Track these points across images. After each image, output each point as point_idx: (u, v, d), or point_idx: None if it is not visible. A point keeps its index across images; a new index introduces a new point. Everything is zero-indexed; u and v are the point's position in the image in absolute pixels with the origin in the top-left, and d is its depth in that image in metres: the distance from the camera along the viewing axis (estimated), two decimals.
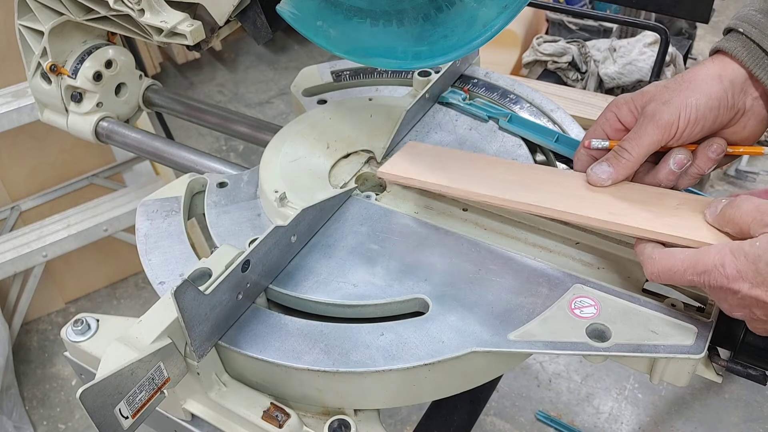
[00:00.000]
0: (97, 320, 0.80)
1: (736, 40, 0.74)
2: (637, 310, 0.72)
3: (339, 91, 1.13)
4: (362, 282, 0.77)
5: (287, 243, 0.78)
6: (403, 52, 0.78)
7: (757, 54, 0.73)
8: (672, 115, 0.72)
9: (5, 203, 2.00)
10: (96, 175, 2.08)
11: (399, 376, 0.70)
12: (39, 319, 2.23)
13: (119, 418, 0.65)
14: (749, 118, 0.75)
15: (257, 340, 0.72)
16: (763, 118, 0.75)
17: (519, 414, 1.91)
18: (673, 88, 0.74)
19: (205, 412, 0.76)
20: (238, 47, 3.50)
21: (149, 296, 2.26)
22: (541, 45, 2.36)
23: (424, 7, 0.76)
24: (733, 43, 0.74)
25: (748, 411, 1.89)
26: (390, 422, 1.88)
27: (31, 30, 1.12)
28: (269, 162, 0.92)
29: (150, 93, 1.27)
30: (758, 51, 0.72)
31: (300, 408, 0.75)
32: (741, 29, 0.73)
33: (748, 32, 0.73)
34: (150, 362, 0.66)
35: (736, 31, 0.74)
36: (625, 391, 1.95)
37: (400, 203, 0.88)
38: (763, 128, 0.76)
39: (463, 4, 0.74)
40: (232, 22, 0.93)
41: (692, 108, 0.72)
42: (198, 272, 0.73)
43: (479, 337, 0.70)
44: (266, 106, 3.15)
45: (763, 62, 0.72)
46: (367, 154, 0.94)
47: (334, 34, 0.81)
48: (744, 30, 0.73)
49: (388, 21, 0.78)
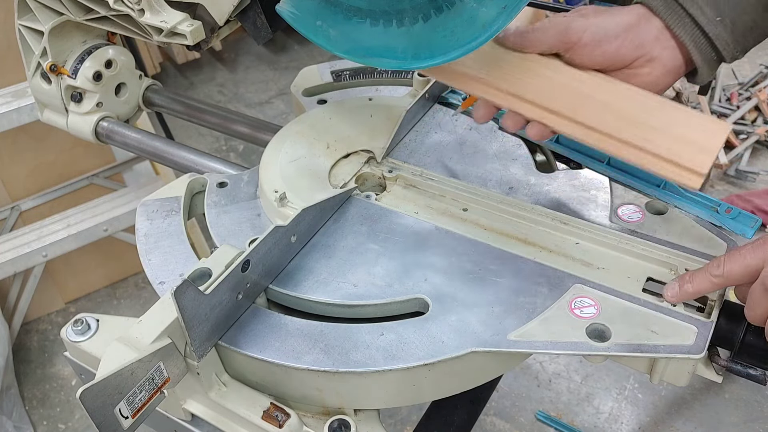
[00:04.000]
0: (97, 320, 0.80)
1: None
2: (637, 310, 0.72)
3: (339, 91, 1.13)
4: (362, 282, 0.77)
5: (287, 243, 0.78)
6: (403, 52, 0.78)
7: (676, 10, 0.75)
8: (579, 27, 0.75)
9: (5, 203, 2.00)
10: (96, 175, 2.08)
11: (399, 376, 0.70)
12: (39, 319, 2.23)
13: (119, 418, 0.65)
14: (656, 65, 0.77)
15: (257, 340, 0.72)
16: (669, 69, 0.77)
17: (519, 414, 1.91)
18: (598, 10, 0.77)
19: (205, 412, 0.76)
20: (238, 47, 3.49)
21: (149, 296, 2.26)
22: None
23: (424, 7, 0.76)
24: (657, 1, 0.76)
25: (748, 411, 1.89)
26: (390, 422, 1.88)
27: (31, 30, 1.12)
28: (269, 162, 0.92)
29: (150, 93, 1.27)
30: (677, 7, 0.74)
31: (300, 408, 0.75)
32: None
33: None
34: (150, 362, 0.66)
35: None
36: (625, 391, 1.95)
37: (400, 203, 0.88)
38: (669, 81, 0.78)
39: (463, 4, 0.74)
40: (232, 22, 0.93)
41: (598, 28, 0.75)
42: (198, 272, 0.73)
43: (479, 337, 0.70)
44: (266, 106, 3.15)
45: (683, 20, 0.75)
46: (367, 154, 0.94)
47: (333, 34, 0.81)
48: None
49: (388, 21, 0.78)
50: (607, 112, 0.75)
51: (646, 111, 0.74)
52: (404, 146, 0.97)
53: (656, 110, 0.74)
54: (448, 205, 0.87)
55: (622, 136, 0.73)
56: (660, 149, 0.72)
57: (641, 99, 0.75)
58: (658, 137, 0.73)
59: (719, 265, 0.68)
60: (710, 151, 0.71)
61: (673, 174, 0.72)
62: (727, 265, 0.67)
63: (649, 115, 0.74)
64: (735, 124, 2.74)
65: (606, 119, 0.74)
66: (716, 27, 0.74)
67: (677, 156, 0.71)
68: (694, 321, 0.70)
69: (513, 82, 0.78)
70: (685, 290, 0.71)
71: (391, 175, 0.92)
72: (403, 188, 0.90)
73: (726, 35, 0.74)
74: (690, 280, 0.71)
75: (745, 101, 2.83)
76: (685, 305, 0.73)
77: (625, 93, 0.76)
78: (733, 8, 0.73)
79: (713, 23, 0.73)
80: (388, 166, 0.93)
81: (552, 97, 0.76)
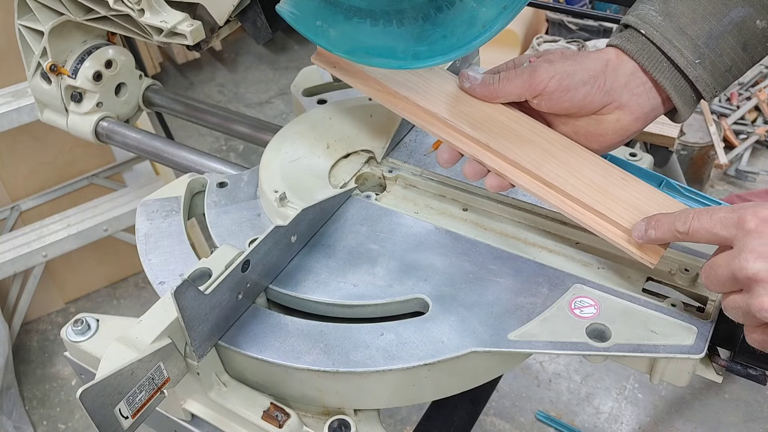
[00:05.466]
0: (97, 320, 0.80)
1: (636, 41, 0.74)
2: (637, 310, 0.72)
3: (339, 91, 1.13)
4: (362, 282, 0.77)
5: (287, 243, 0.78)
6: (403, 52, 0.78)
7: (653, 53, 0.73)
8: (546, 74, 0.74)
9: (5, 203, 2.00)
10: (96, 175, 2.08)
11: (399, 376, 0.70)
12: (39, 319, 2.23)
13: (119, 418, 0.65)
14: (624, 112, 0.75)
15: (257, 340, 0.72)
16: (638, 117, 0.75)
17: (519, 414, 1.91)
18: (566, 55, 0.76)
19: (205, 412, 0.76)
20: (238, 47, 3.50)
21: (149, 296, 2.26)
22: (541, 45, 2.36)
23: (424, 7, 0.76)
24: (633, 45, 0.74)
25: (748, 411, 1.89)
26: (390, 422, 1.88)
27: (31, 30, 1.12)
28: (269, 162, 0.92)
29: (150, 93, 1.27)
30: (658, 54, 0.73)
31: (300, 408, 0.75)
32: (642, 30, 0.74)
33: (650, 34, 0.73)
34: (150, 362, 0.66)
35: (636, 31, 0.74)
36: (625, 391, 1.95)
37: (400, 203, 0.88)
38: (639, 127, 0.76)
39: (463, 4, 0.74)
40: (232, 22, 0.93)
41: (566, 74, 0.73)
42: (198, 272, 0.73)
43: (479, 337, 0.70)
44: (266, 106, 3.15)
45: (660, 64, 0.73)
46: (367, 154, 0.94)
47: (333, 34, 0.81)
48: (646, 32, 0.73)
49: (388, 21, 0.78)
50: (570, 173, 0.74)
51: (610, 180, 0.74)
52: (404, 146, 0.97)
53: (620, 181, 0.74)
54: (448, 205, 0.87)
55: (583, 199, 0.73)
56: (620, 219, 0.71)
57: (606, 168, 0.75)
58: (619, 207, 0.72)
59: (686, 221, 0.64)
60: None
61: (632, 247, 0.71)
62: (694, 223, 0.64)
63: (612, 184, 0.74)
64: (735, 124, 2.74)
65: (568, 180, 0.74)
66: (696, 69, 0.73)
67: None
68: (694, 321, 0.70)
69: (477, 129, 0.77)
70: (648, 235, 0.68)
71: (391, 175, 0.92)
72: (403, 188, 0.90)
73: (706, 76, 0.73)
74: (655, 227, 0.68)
75: (745, 101, 2.83)
76: (685, 305, 0.73)
77: (591, 159, 0.76)
78: (713, 50, 0.72)
79: (692, 65, 0.72)
80: (388, 166, 0.93)
81: (516, 150, 0.76)
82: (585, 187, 0.74)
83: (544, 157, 0.75)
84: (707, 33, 0.72)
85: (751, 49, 0.74)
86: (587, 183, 0.74)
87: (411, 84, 0.82)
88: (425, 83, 0.82)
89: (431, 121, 0.80)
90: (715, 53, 0.73)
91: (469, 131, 0.77)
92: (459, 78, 0.81)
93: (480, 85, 0.79)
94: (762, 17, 0.73)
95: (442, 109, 0.79)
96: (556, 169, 0.75)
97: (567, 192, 0.74)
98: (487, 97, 0.79)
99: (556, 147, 0.76)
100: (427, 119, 0.80)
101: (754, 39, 0.73)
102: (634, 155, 1.03)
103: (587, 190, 0.74)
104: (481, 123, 0.78)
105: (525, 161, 0.75)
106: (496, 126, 0.78)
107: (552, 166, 0.75)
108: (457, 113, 0.79)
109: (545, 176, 0.74)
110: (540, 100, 0.76)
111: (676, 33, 0.72)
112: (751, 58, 0.75)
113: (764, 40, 0.74)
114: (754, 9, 0.72)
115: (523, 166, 0.75)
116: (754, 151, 2.70)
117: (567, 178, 0.74)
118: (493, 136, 0.77)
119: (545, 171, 0.75)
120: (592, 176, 0.74)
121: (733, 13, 0.72)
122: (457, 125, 0.78)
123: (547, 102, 0.75)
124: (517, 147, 0.76)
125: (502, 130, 0.77)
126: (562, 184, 0.74)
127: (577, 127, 0.77)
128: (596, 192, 0.73)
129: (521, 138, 0.77)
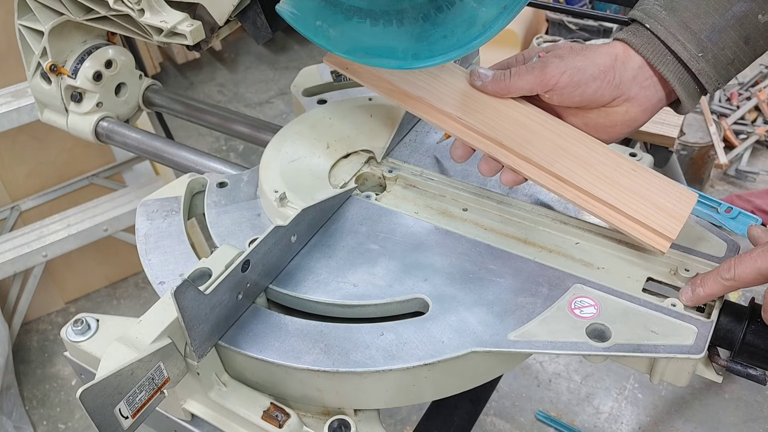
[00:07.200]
0: (97, 320, 0.80)
1: (641, 35, 0.76)
2: (637, 310, 0.72)
3: (339, 91, 1.13)
4: (362, 282, 0.77)
5: (287, 243, 0.78)
6: (403, 52, 0.78)
7: (658, 47, 0.76)
8: (557, 70, 0.76)
9: (5, 203, 2.00)
10: (96, 175, 2.08)
11: (399, 376, 0.70)
12: (39, 319, 2.23)
13: (119, 418, 0.65)
14: (632, 105, 0.77)
15: (257, 340, 0.72)
16: (646, 108, 0.78)
17: (519, 414, 1.91)
18: (575, 50, 0.78)
19: (205, 412, 0.76)
20: (238, 47, 3.50)
21: (149, 296, 2.26)
22: (541, 45, 2.36)
23: (424, 7, 0.76)
24: (639, 39, 0.76)
25: (748, 411, 1.89)
26: (390, 422, 1.88)
27: (31, 30, 1.12)
28: (269, 162, 0.92)
29: (150, 93, 1.27)
30: (662, 47, 0.75)
31: (300, 408, 0.75)
32: (647, 25, 0.76)
33: (654, 29, 0.75)
34: (150, 362, 0.66)
35: (642, 25, 0.77)
36: (625, 391, 1.95)
37: (400, 203, 0.88)
38: (646, 118, 0.79)
39: (463, 4, 0.74)
40: (232, 22, 0.93)
41: (576, 70, 0.75)
42: (198, 272, 0.73)
43: (479, 337, 0.70)
44: (266, 106, 3.15)
45: (665, 57, 0.76)
46: (367, 154, 0.94)
47: (333, 34, 0.81)
48: (650, 26, 0.76)
49: (388, 21, 0.78)
50: (583, 167, 0.77)
51: (621, 172, 0.77)
52: (404, 146, 0.97)
53: (630, 173, 0.77)
54: (448, 205, 0.87)
55: (595, 193, 0.76)
56: (632, 210, 0.75)
57: (616, 160, 0.78)
58: (631, 199, 0.75)
59: (729, 269, 0.69)
60: (680, 218, 0.74)
61: (643, 236, 0.74)
62: (738, 269, 0.68)
63: (623, 176, 0.77)
64: (735, 124, 2.74)
65: (581, 175, 0.77)
66: (699, 62, 0.75)
67: (648, 219, 0.74)
68: (694, 321, 0.70)
69: (491, 126, 0.79)
70: (697, 294, 0.71)
71: (391, 175, 0.92)
72: (403, 188, 0.90)
73: (709, 69, 0.75)
74: (701, 284, 0.71)
75: (745, 101, 2.83)
76: (685, 305, 0.73)
77: (602, 152, 0.78)
78: (715, 44, 0.74)
79: (695, 59, 0.75)
80: (388, 166, 0.93)
81: (530, 146, 0.78)
82: (597, 181, 0.76)
83: (557, 152, 0.77)
84: (710, 27, 0.74)
85: (753, 42, 0.75)
86: (599, 176, 0.76)
87: (423, 83, 0.83)
88: (436, 81, 0.83)
89: (444, 119, 0.81)
90: (717, 47, 0.74)
91: (482, 129, 0.79)
92: (470, 76, 0.82)
93: (491, 81, 0.80)
94: (764, 12, 0.74)
95: (454, 108, 0.81)
96: (569, 164, 0.77)
97: (580, 186, 0.76)
98: (498, 93, 0.81)
99: (568, 141, 0.78)
100: (441, 118, 0.82)
101: (756, 33, 0.75)
102: (634, 155, 1.03)
103: (600, 184, 0.76)
104: (494, 120, 0.79)
105: (538, 157, 0.77)
106: (508, 122, 0.79)
107: (564, 161, 0.77)
108: (470, 111, 0.80)
109: (559, 172, 0.77)
110: (551, 95, 0.78)
111: (680, 27, 0.74)
112: (753, 52, 0.76)
113: (766, 34, 0.76)
114: (756, 4, 0.74)
115: (537, 162, 0.77)
116: (754, 151, 2.70)
117: (579, 172, 0.77)
118: (506, 132, 0.78)
119: (558, 167, 0.77)
120: (604, 169, 0.77)
121: (736, 8, 0.74)
122: (470, 123, 0.79)
123: (559, 96, 0.77)
124: (530, 143, 0.78)
125: (514, 125, 0.79)
126: (575, 179, 0.76)
127: (587, 119, 0.80)
128: (608, 185, 0.76)
129: (533, 133, 0.78)
